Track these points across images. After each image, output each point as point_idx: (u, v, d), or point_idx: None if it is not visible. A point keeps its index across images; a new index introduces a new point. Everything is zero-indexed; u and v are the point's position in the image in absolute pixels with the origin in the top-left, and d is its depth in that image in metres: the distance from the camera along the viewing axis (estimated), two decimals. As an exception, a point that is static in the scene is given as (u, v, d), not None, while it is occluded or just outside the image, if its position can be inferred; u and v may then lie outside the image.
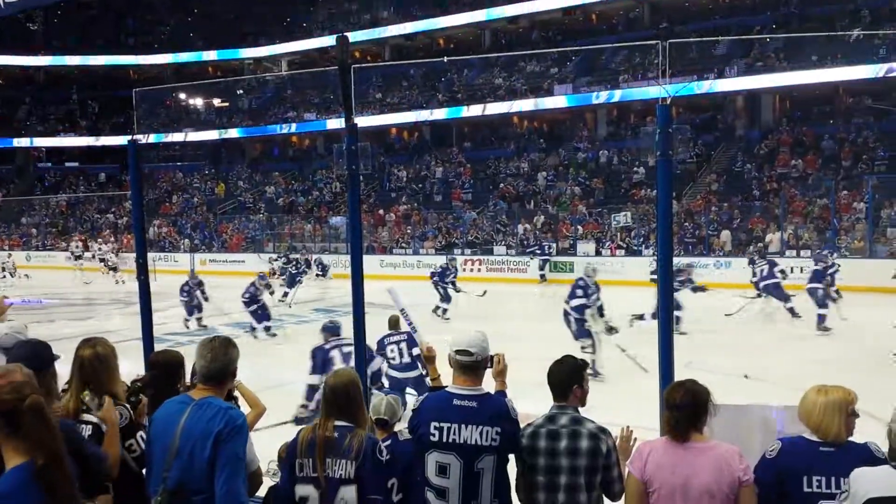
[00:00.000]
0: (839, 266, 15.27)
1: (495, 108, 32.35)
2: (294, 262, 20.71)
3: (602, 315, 10.35)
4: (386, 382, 7.63)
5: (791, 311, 13.95)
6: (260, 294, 14.33)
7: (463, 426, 3.09)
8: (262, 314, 14.21)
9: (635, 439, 3.23)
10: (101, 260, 27.22)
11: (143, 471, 3.06)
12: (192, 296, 15.20)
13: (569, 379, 3.13)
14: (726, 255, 22.12)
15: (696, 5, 33.07)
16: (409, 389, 7.50)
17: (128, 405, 3.24)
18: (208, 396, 2.87)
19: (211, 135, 39.59)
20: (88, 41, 44.05)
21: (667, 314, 3.50)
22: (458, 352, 3.20)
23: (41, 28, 44.34)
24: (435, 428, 3.12)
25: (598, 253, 23.76)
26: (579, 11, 34.43)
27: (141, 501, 2.97)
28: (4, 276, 27.37)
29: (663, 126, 3.47)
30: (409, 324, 4.66)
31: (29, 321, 4.19)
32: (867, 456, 2.72)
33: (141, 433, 3.17)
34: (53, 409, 2.95)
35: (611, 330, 10.29)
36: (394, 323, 7.98)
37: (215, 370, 2.91)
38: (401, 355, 7.69)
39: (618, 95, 29.94)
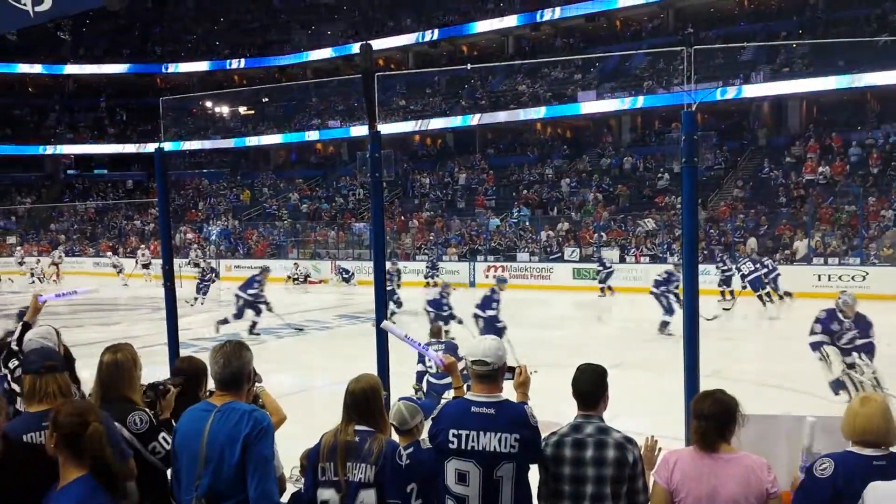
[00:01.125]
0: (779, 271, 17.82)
1: (516, 114, 32.34)
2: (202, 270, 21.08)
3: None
4: (425, 388, 7.72)
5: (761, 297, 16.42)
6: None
7: (481, 433, 3.08)
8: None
9: (660, 449, 3.20)
10: (145, 266, 27.49)
11: (169, 470, 3.07)
12: (205, 281, 17.75)
13: (597, 387, 3.10)
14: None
15: (720, 11, 32.84)
16: (446, 394, 7.49)
17: (147, 410, 3.25)
18: (230, 401, 2.87)
19: (236, 142, 39.96)
20: (116, 50, 44.75)
21: (691, 322, 3.47)
22: (474, 362, 3.19)
23: (70, 37, 45.01)
24: (454, 435, 3.11)
25: (622, 260, 23.62)
26: (603, 18, 34.31)
27: (166, 498, 2.99)
28: (33, 282, 27.80)
29: (689, 133, 3.45)
30: (417, 347, 4.62)
31: (58, 325, 4.23)
32: None
33: (163, 434, 3.17)
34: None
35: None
36: (436, 332, 8.17)
37: (229, 375, 2.91)
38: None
39: (642, 101, 29.79)
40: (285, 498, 3.34)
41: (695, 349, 3.44)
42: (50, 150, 42.71)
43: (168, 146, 36.66)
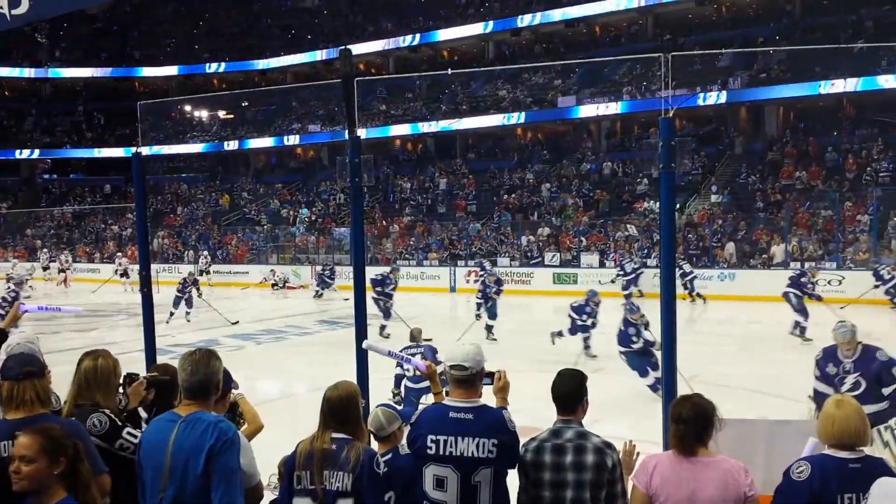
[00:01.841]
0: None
1: (495, 119, 32.43)
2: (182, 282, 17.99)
3: None
4: (403, 392, 7.70)
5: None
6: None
7: (459, 438, 3.07)
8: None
9: (638, 453, 3.22)
10: (123, 274, 27.01)
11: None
12: (187, 291, 16.98)
13: (576, 392, 3.11)
14: (730, 268, 22.08)
15: (698, 17, 33.14)
16: (424, 399, 7.46)
17: (105, 410, 3.20)
18: (196, 411, 2.81)
19: (215, 146, 39.74)
20: (94, 53, 44.37)
21: (669, 328, 3.49)
22: (452, 366, 3.19)
23: (47, 40, 44.61)
24: (432, 441, 3.10)
25: (601, 265, 23.72)
26: (582, 24, 34.51)
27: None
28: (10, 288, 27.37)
29: (666, 138, 3.47)
30: (400, 359, 4.63)
31: (36, 331, 4.19)
32: (885, 469, 2.72)
33: (128, 429, 3.14)
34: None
35: None
36: (416, 335, 8.21)
37: (196, 383, 2.85)
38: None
39: (620, 107, 30.00)
40: (264, 504, 3.31)
41: (672, 354, 3.47)
42: (26, 153, 42.23)
43: (146, 150, 36.35)
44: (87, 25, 44.24)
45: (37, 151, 42.52)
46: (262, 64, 41.74)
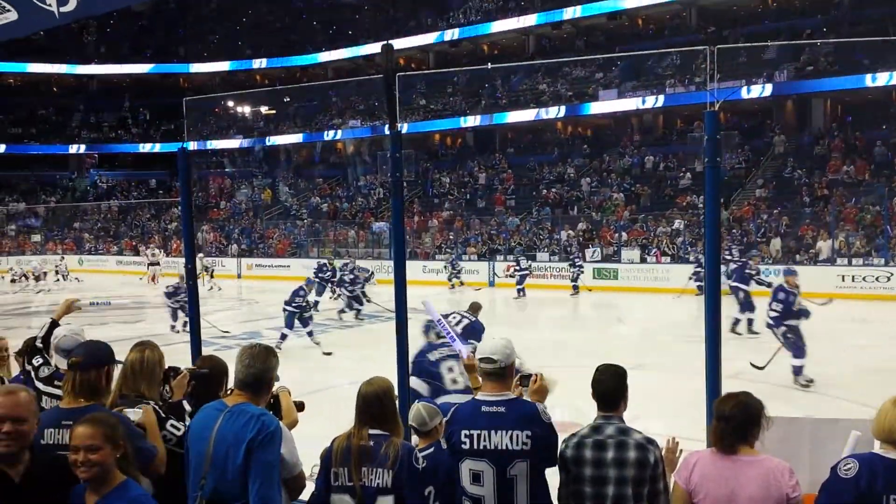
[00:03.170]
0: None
1: (535, 114, 32.23)
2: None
3: None
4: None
5: None
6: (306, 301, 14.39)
7: (492, 432, 3.08)
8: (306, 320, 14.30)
9: (681, 450, 3.18)
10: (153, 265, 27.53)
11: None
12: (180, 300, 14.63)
13: (617, 388, 3.09)
14: (775, 263, 21.68)
15: (744, 9, 32.53)
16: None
17: (150, 402, 3.26)
18: (242, 403, 2.85)
19: (258, 142, 40.22)
20: (139, 50, 45.18)
21: (714, 323, 3.44)
22: (482, 359, 3.21)
23: (94, 38, 45.55)
24: (466, 436, 3.12)
25: (643, 260, 23.48)
26: (624, 16, 34.12)
27: (182, 482, 2.98)
28: (58, 280, 28.13)
29: (711, 133, 3.41)
30: (447, 333, 4.65)
31: (83, 323, 4.29)
32: None
33: (171, 421, 3.21)
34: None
35: None
36: (475, 308, 7.95)
37: (250, 376, 2.90)
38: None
39: (663, 100, 29.60)
40: (305, 495, 3.35)
41: (716, 350, 3.42)
42: (74, 149, 43.19)
43: (191, 146, 36.95)
44: (132, 22, 45.01)
45: (84, 146, 43.45)
46: (303, 60, 42.09)
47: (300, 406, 3.72)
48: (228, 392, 3.18)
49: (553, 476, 3.13)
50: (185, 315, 14.38)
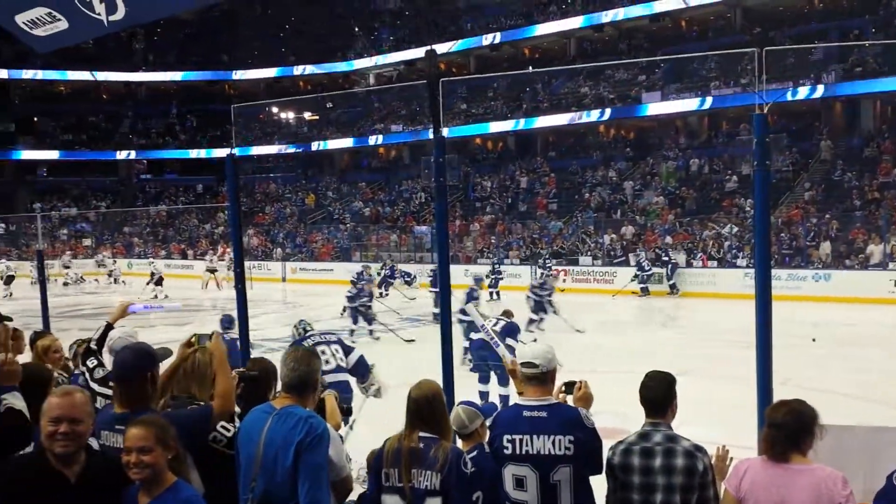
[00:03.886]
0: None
1: (577, 117, 32.01)
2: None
3: None
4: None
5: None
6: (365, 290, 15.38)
7: (535, 436, 3.08)
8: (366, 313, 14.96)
9: (731, 458, 3.14)
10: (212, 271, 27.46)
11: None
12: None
13: (665, 395, 3.07)
14: (825, 268, 21.21)
15: (790, 9, 31.92)
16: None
17: (202, 402, 3.30)
18: (290, 405, 2.91)
19: (302, 147, 40.68)
20: (186, 58, 46.07)
21: (764, 330, 3.39)
22: (523, 364, 3.21)
23: (143, 46, 46.57)
24: (508, 441, 3.12)
25: (688, 264, 23.17)
26: (667, 18, 33.74)
27: (232, 483, 3.02)
28: (111, 283, 28.77)
29: (760, 135, 3.37)
30: (491, 339, 4.65)
31: (134, 326, 4.40)
32: None
33: (222, 423, 3.24)
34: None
35: None
36: (508, 314, 8.38)
37: (296, 379, 2.95)
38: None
39: (709, 102, 29.17)
40: (353, 497, 3.39)
41: (767, 356, 3.37)
42: (123, 155, 44.17)
43: (237, 152, 37.49)
44: (179, 30, 45.90)
45: (133, 153, 44.43)
46: (346, 66, 42.47)
47: (347, 411, 3.76)
48: (276, 395, 3.23)
49: (599, 484, 3.12)
50: (365, 320, 15.38)
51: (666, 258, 22.69)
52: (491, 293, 21.87)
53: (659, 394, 3.06)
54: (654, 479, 2.94)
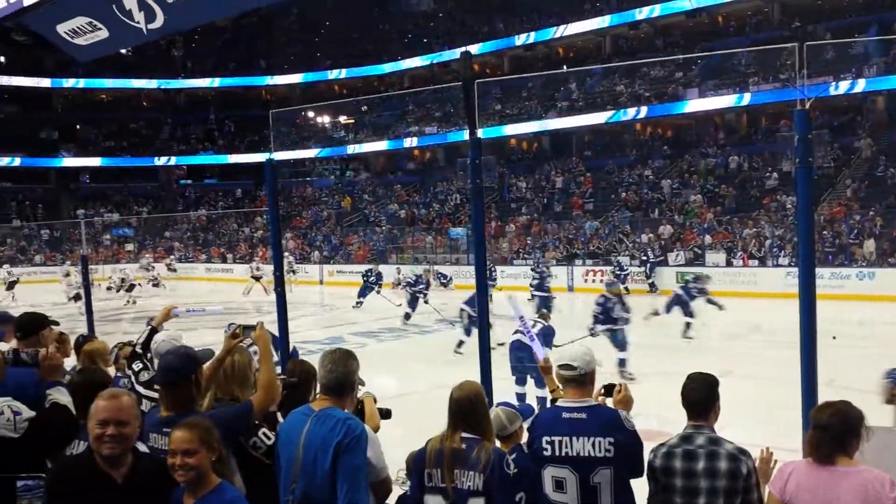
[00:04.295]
0: None
1: (613, 115, 31.73)
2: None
3: None
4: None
5: None
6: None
7: (574, 438, 3.07)
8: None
9: (776, 461, 3.09)
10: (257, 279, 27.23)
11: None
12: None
13: (708, 397, 3.03)
14: (870, 266, 20.76)
15: (829, 3, 31.32)
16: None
17: None
18: (328, 407, 2.92)
19: (337, 150, 40.98)
20: (223, 64, 46.71)
21: (809, 329, 3.34)
22: (561, 366, 3.20)
23: (181, 52, 47.32)
24: (547, 442, 3.11)
25: (728, 263, 22.85)
26: (704, 13, 33.31)
27: (271, 491, 3.04)
28: (154, 285, 29.20)
29: (803, 131, 3.32)
30: (528, 333, 4.65)
31: (177, 329, 4.47)
32: None
33: (263, 430, 3.26)
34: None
35: None
36: (543, 316, 8.46)
37: (333, 380, 2.96)
38: None
39: (747, 98, 28.72)
40: (392, 499, 3.41)
41: (812, 356, 3.31)
42: (163, 160, 44.93)
43: (275, 156, 37.98)
44: (216, 37, 46.54)
45: (173, 158, 45.16)
46: (379, 69, 42.66)
47: (387, 413, 3.77)
48: (315, 397, 3.26)
49: (639, 487, 3.09)
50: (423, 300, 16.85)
51: (645, 258, 23.62)
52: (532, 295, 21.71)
53: (701, 396, 3.03)
54: (697, 483, 2.91)
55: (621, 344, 10.54)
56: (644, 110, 31.14)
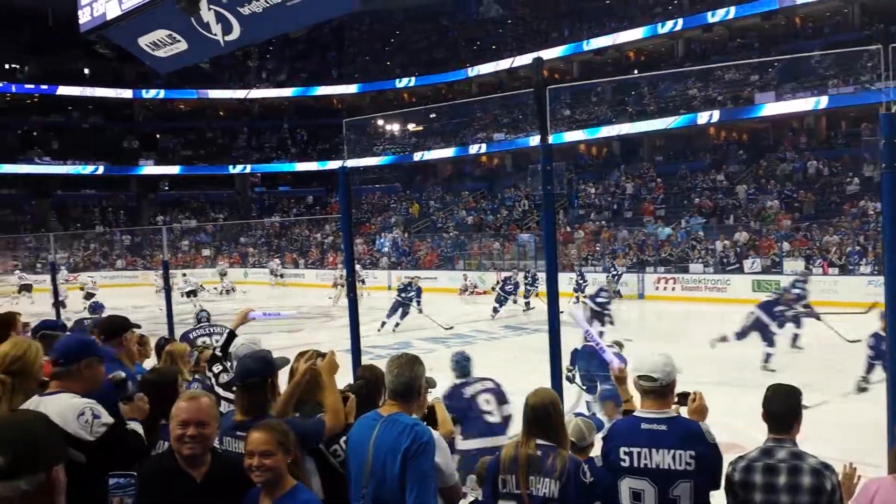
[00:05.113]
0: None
1: (686, 119, 31.10)
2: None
3: None
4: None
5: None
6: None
7: (654, 450, 3.01)
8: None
9: (859, 477, 2.98)
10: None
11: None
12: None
13: (790, 410, 2.94)
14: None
15: (914, 2, 29.98)
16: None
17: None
18: (396, 412, 2.94)
19: (406, 158, 41.35)
20: (296, 74, 47.75)
21: (895, 340, 3.21)
22: (640, 377, 3.13)
23: (256, 63, 48.59)
24: (625, 453, 3.06)
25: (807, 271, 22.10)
26: (780, 15, 32.36)
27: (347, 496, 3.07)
28: (229, 292, 29.96)
29: (888, 135, 3.19)
30: (597, 344, 4.59)
31: (253, 332, 4.59)
32: None
33: (344, 438, 3.28)
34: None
35: None
36: (616, 344, 7.32)
37: (400, 385, 2.98)
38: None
39: (825, 102, 27.73)
40: (462, 504, 3.41)
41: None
42: (239, 168, 46.16)
43: (348, 164, 38.45)
44: (290, 48, 47.57)
45: (248, 167, 46.36)
46: (448, 77, 42.88)
47: (456, 421, 3.78)
48: (383, 401, 3.29)
49: (716, 498, 3.02)
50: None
51: (613, 270, 24.05)
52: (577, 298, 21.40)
53: (784, 408, 2.94)
54: (778, 498, 2.82)
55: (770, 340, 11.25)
56: (717, 114, 30.43)
